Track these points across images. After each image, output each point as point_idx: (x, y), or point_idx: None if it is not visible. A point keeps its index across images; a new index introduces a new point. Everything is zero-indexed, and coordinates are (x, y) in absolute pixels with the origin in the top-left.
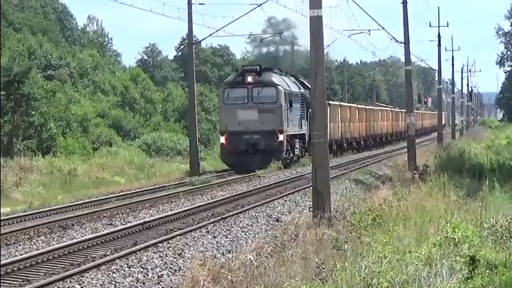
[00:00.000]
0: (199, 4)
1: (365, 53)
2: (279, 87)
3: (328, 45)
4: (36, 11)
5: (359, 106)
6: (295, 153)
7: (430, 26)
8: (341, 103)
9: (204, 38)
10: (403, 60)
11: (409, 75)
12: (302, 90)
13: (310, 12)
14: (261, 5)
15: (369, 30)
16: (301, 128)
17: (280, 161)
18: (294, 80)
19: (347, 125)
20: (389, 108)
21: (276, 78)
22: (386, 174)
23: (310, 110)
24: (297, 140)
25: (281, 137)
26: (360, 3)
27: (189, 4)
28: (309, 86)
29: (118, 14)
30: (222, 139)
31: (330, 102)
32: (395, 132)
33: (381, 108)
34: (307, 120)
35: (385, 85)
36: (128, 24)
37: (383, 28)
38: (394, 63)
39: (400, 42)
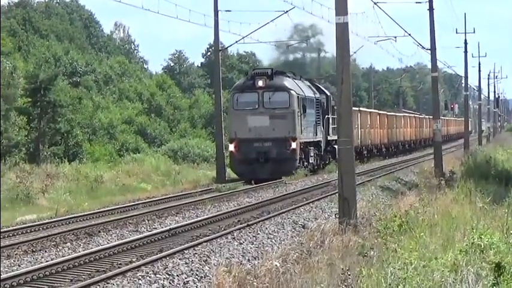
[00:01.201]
0: (226, 11)
1: (391, 59)
2: (291, 91)
3: (354, 52)
4: (63, 18)
5: (380, 112)
6: (310, 161)
7: (456, 32)
8: (360, 109)
9: (231, 45)
10: (429, 66)
11: (435, 81)
12: (317, 95)
13: (336, 18)
14: (287, 11)
15: (395, 37)
16: (316, 135)
17: (294, 170)
18: (309, 84)
19: (367, 131)
20: (413, 115)
21: (288, 82)
22: (412, 181)
23: (326, 116)
24: (312, 148)
25: (294, 145)
26: (386, 9)
27: (215, 11)
28: (325, 91)
29: (144, 21)
30: (231, 147)
31: None
32: (419, 139)
33: (404, 114)
34: (323, 127)
35: (411, 92)
36: (155, 31)
37: (409, 35)
38: (420, 69)
39: (427, 49)
